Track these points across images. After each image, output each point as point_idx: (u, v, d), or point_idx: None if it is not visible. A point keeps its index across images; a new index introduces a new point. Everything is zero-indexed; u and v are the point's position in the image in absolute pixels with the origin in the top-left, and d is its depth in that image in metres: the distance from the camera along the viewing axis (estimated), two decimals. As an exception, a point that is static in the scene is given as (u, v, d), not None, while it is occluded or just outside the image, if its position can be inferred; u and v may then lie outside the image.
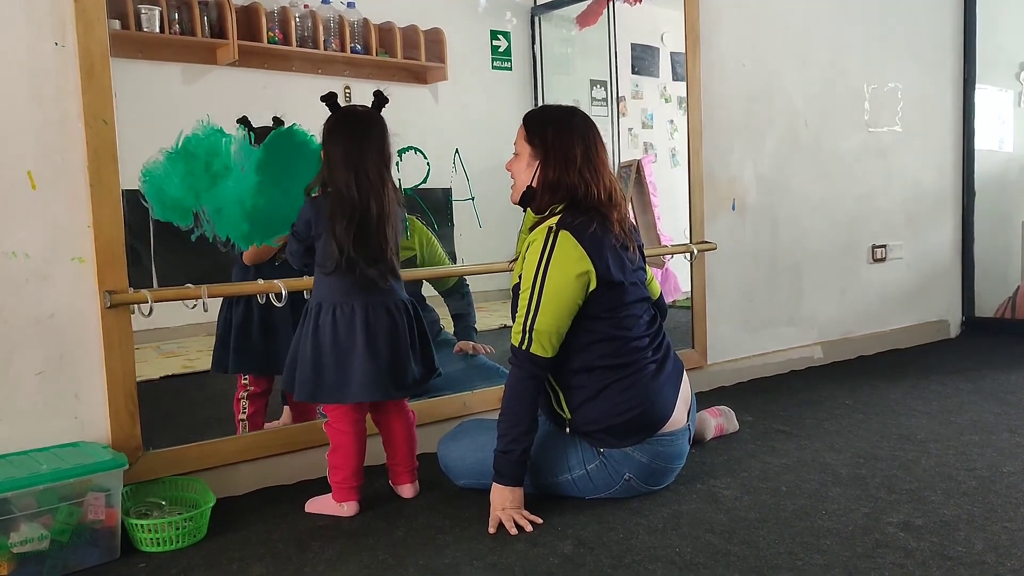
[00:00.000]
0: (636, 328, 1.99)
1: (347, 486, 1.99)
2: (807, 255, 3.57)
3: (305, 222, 1.97)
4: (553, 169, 1.96)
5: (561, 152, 1.95)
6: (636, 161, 3.55)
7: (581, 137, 1.97)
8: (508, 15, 3.40)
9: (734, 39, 3.25)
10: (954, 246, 4.26)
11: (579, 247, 1.90)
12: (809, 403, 2.94)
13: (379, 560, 1.73)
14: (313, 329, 1.95)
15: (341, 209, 1.91)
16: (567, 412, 2.00)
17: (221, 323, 2.35)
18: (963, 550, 1.68)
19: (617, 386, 1.95)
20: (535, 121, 2.02)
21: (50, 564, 1.70)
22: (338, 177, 1.93)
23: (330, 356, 1.94)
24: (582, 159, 1.95)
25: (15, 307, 1.85)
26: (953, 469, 2.18)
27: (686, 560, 1.67)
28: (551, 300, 1.89)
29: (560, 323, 1.91)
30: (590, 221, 1.93)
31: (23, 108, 1.84)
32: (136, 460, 1.97)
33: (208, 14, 2.74)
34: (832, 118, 3.64)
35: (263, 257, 2.30)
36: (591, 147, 1.98)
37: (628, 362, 1.97)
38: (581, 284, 1.91)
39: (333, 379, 1.94)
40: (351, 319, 1.94)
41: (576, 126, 1.98)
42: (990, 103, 4.30)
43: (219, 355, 2.38)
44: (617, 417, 1.94)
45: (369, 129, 1.96)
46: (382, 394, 1.99)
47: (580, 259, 1.90)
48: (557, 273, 1.89)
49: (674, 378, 2.04)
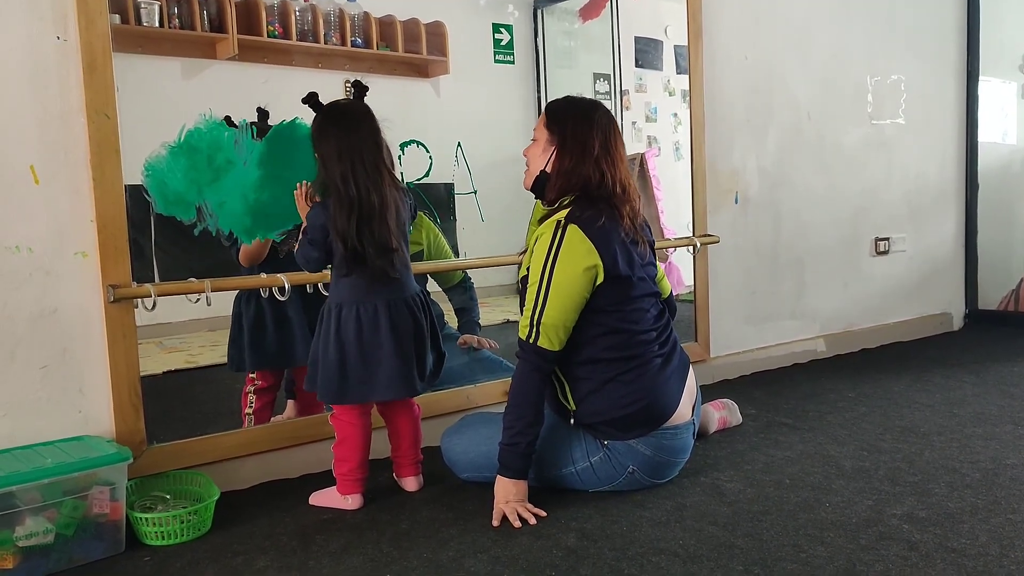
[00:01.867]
0: (643, 322, 1.99)
1: (352, 478, 2.00)
2: (810, 248, 3.57)
3: (320, 227, 1.93)
4: (569, 157, 1.96)
5: (579, 141, 1.96)
6: (640, 155, 3.54)
7: (601, 130, 1.97)
8: (510, 8, 3.39)
9: (736, 32, 3.24)
10: (957, 239, 4.25)
11: (587, 241, 1.90)
12: (812, 396, 2.94)
13: (383, 553, 1.73)
14: (336, 330, 1.94)
15: (341, 205, 1.90)
16: (572, 403, 2.00)
17: (233, 320, 2.35)
18: (967, 542, 1.68)
19: (623, 379, 1.95)
20: (558, 109, 2.03)
21: (55, 558, 1.70)
22: (334, 174, 1.91)
23: (355, 356, 1.93)
24: (600, 150, 1.96)
25: (19, 302, 1.85)
26: (957, 462, 2.18)
27: (690, 552, 1.68)
28: (558, 294, 1.89)
29: (567, 317, 1.91)
30: (599, 215, 1.93)
31: (25, 102, 1.84)
32: (140, 454, 1.97)
33: (208, 8, 2.74)
34: (835, 111, 3.63)
35: (257, 258, 2.29)
36: (610, 140, 1.98)
37: (634, 355, 1.97)
38: (588, 278, 1.90)
39: (359, 379, 1.93)
40: (375, 318, 1.94)
41: (598, 119, 1.99)
42: (993, 95, 4.28)
43: (233, 354, 2.37)
44: (622, 409, 1.94)
45: (357, 120, 1.94)
46: (408, 391, 1.99)
47: (588, 253, 1.90)
48: (565, 267, 1.89)
49: (680, 372, 2.04)
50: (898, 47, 3.87)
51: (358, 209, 1.89)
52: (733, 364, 3.29)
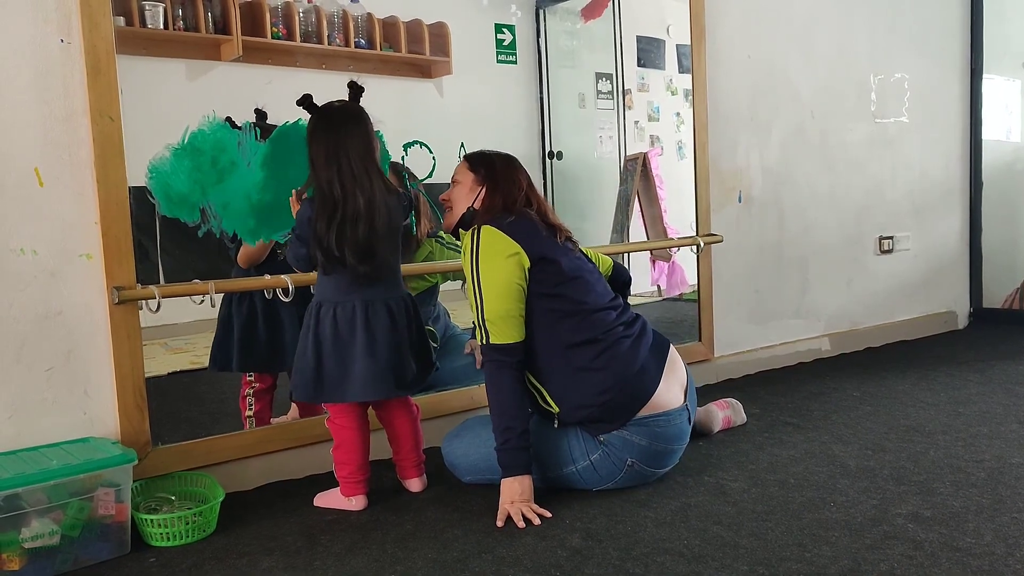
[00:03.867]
0: (592, 301, 2.02)
1: (354, 480, 2.00)
2: (814, 247, 3.56)
3: (306, 221, 1.93)
4: (500, 194, 2.06)
5: (509, 178, 2.08)
6: (643, 154, 3.54)
7: (524, 172, 2.14)
8: (512, 8, 3.39)
9: (739, 31, 3.24)
10: (962, 237, 4.24)
11: (501, 234, 1.98)
12: (816, 395, 2.94)
13: (388, 554, 1.74)
14: (314, 328, 1.95)
15: (323, 208, 1.90)
16: (554, 405, 2.00)
17: (220, 322, 2.34)
18: (972, 541, 1.67)
19: (593, 365, 1.97)
20: (479, 156, 2.14)
21: (61, 559, 1.71)
22: (321, 176, 1.92)
23: (331, 355, 1.93)
24: (528, 186, 2.11)
25: (24, 304, 1.86)
26: (962, 460, 2.17)
27: (694, 552, 1.68)
28: (491, 286, 1.95)
29: (508, 305, 1.95)
30: (507, 215, 2.02)
31: (30, 105, 1.85)
32: (145, 455, 1.98)
33: (212, 10, 2.74)
34: (838, 109, 3.63)
35: (256, 259, 2.29)
36: (531, 182, 2.14)
37: (596, 338, 1.99)
38: (514, 264, 1.96)
39: (334, 378, 1.94)
40: (351, 317, 1.94)
41: (519, 166, 2.14)
42: (997, 93, 4.27)
43: (218, 354, 2.37)
44: (600, 396, 1.95)
45: (346, 123, 1.94)
46: (384, 392, 1.99)
47: (506, 243, 1.97)
48: (488, 261, 1.96)
49: (657, 353, 2.06)
50: (901, 45, 3.86)
51: (341, 212, 1.89)
52: (737, 363, 3.29)
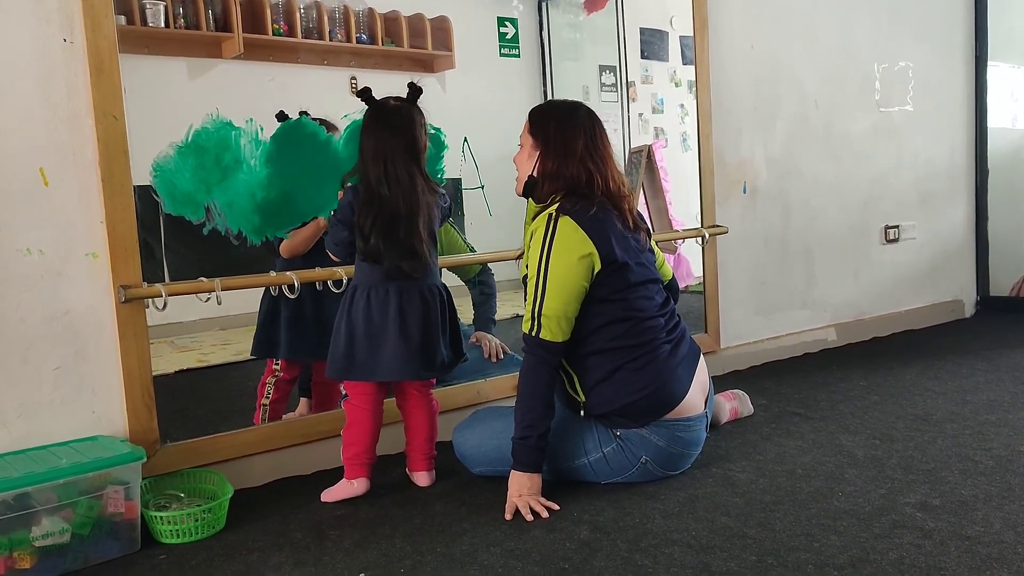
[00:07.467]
0: (648, 309, 2.00)
1: (358, 462, 2.03)
2: (819, 237, 3.55)
3: (347, 205, 1.98)
4: (553, 159, 1.99)
5: (562, 142, 1.99)
6: (647, 146, 3.53)
7: (584, 130, 2.00)
8: (515, 2, 3.38)
9: (742, 21, 3.23)
10: (968, 225, 4.23)
11: (580, 230, 1.92)
12: (823, 385, 2.93)
13: (397, 548, 1.74)
14: (348, 310, 2.00)
15: (369, 204, 1.95)
16: (581, 395, 2.00)
17: (266, 312, 2.35)
18: (981, 530, 1.67)
19: (630, 366, 1.96)
20: (539, 113, 2.07)
21: (72, 557, 1.72)
22: (368, 172, 1.97)
23: (363, 336, 1.97)
24: (583, 150, 1.99)
25: (31, 304, 1.86)
26: (970, 449, 2.17)
27: (703, 543, 1.68)
28: (556, 284, 1.91)
29: (567, 307, 1.92)
30: (590, 205, 1.96)
31: (34, 105, 1.85)
32: (154, 453, 1.98)
33: (213, 8, 2.74)
34: (842, 99, 3.62)
35: (299, 249, 2.30)
36: (594, 140, 2.01)
37: (641, 343, 1.98)
38: (585, 266, 1.92)
39: (364, 357, 1.98)
40: (385, 302, 1.98)
41: (579, 119, 2.02)
42: (1002, 81, 4.25)
43: (264, 340, 2.37)
44: (631, 396, 1.95)
45: (399, 124, 1.98)
46: (412, 374, 2.01)
47: (582, 241, 1.92)
48: (560, 257, 1.91)
49: (690, 360, 2.04)
50: (905, 33, 3.84)
51: (383, 210, 1.94)
52: (744, 355, 3.29)
